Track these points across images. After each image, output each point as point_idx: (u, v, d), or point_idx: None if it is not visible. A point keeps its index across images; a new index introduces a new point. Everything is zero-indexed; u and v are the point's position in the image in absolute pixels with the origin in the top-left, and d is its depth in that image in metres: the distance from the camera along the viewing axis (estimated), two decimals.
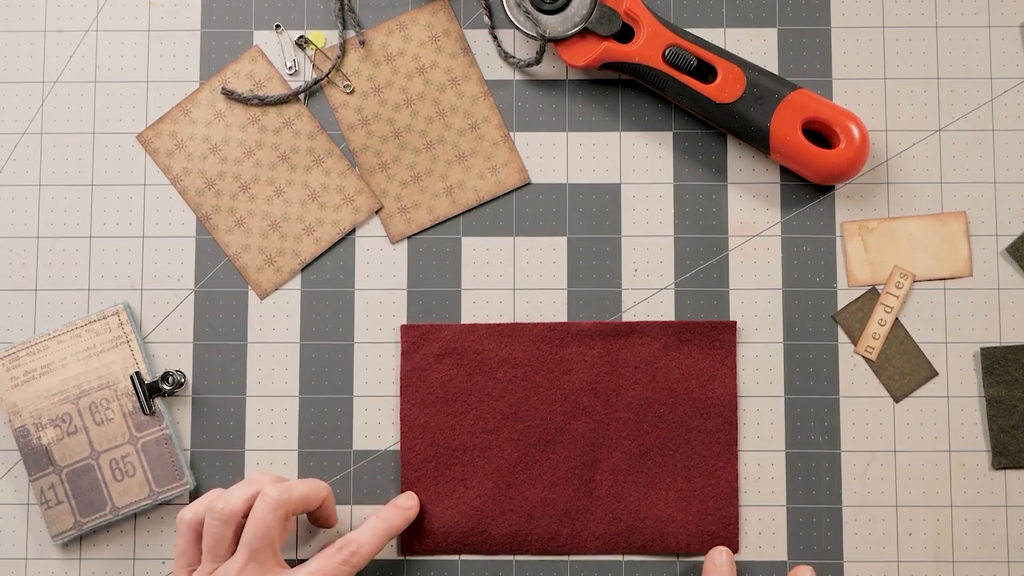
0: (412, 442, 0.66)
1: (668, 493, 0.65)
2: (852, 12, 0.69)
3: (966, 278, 0.67)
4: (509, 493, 0.66)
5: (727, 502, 0.65)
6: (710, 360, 0.66)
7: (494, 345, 0.66)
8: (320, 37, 0.69)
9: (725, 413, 0.66)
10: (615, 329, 0.66)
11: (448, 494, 0.66)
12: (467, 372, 0.66)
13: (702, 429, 0.66)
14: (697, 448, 0.66)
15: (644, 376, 0.66)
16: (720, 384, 0.66)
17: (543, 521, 0.65)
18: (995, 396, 0.66)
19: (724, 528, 0.65)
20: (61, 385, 0.66)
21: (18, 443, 0.66)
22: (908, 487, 0.66)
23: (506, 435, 0.66)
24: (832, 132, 0.65)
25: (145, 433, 0.66)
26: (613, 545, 0.65)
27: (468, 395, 0.66)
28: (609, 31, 0.65)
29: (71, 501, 0.65)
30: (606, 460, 0.66)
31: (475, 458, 0.66)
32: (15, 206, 0.68)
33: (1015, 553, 0.65)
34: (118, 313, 0.66)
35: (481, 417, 0.66)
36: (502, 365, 0.66)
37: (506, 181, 0.68)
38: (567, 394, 0.66)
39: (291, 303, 0.68)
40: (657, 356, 0.66)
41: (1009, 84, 0.68)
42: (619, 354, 0.66)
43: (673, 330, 0.66)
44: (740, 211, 0.68)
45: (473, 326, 0.67)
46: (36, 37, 0.69)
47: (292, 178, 0.68)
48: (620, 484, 0.65)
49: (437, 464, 0.66)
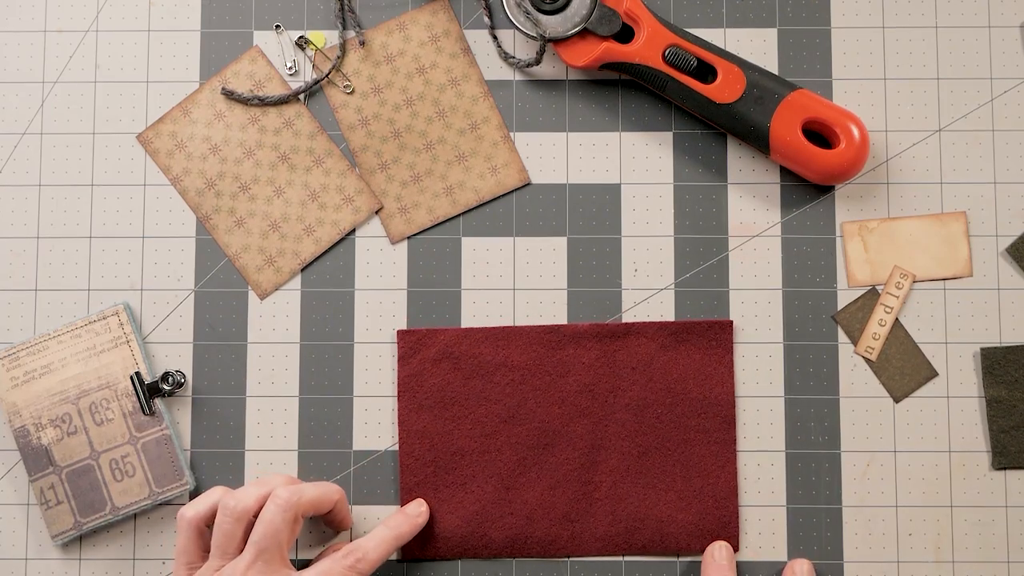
0: (411, 447, 0.66)
1: (667, 493, 0.65)
2: (852, 12, 0.69)
3: (966, 278, 0.67)
4: (509, 496, 0.66)
5: (726, 501, 0.65)
6: (707, 360, 0.66)
7: (491, 349, 0.66)
8: (320, 37, 0.69)
9: (723, 412, 0.66)
10: (611, 331, 0.66)
11: (448, 499, 0.66)
12: (464, 376, 0.66)
13: (700, 429, 0.66)
14: (695, 448, 0.66)
15: (641, 377, 0.66)
16: (718, 383, 0.66)
17: (543, 524, 0.65)
18: (995, 396, 0.66)
19: (724, 527, 0.65)
20: (61, 385, 0.66)
21: (18, 443, 0.66)
22: (908, 487, 0.66)
23: (504, 438, 0.66)
24: (832, 132, 0.65)
25: (145, 433, 0.66)
26: (613, 546, 0.65)
27: (466, 399, 0.66)
28: (609, 31, 0.65)
29: (71, 501, 0.65)
30: (605, 461, 0.66)
31: (474, 462, 0.66)
32: (15, 206, 0.68)
33: (1015, 553, 0.65)
34: (118, 313, 0.66)
35: (479, 421, 0.66)
36: (499, 369, 0.66)
37: (506, 181, 0.68)
38: (565, 396, 0.66)
39: (291, 303, 0.68)
40: (654, 356, 0.66)
41: (1009, 84, 0.68)
42: (616, 355, 0.66)
43: (669, 330, 0.66)
44: (740, 211, 0.68)
45: (469, 330, 0.67)
46: (36, 37, 0.69)
47: (292, 178, 0.68)
48: (619, 485, 0.65)
49: (436, 469, 0.66)
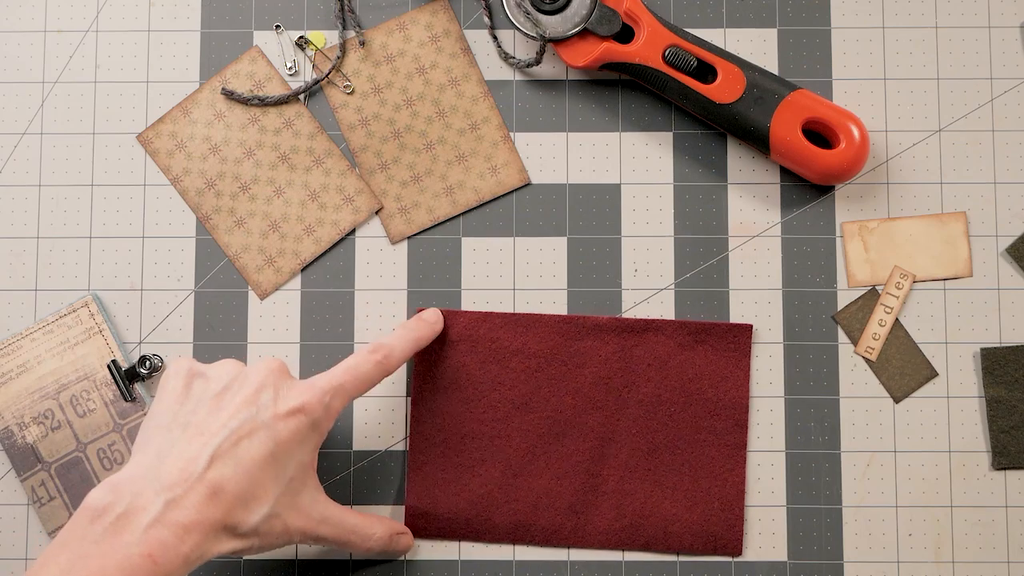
0: (422, 426, 0.66)
1: (674, 492, 0.65)
2: (852, 12, 0.69)
3: (966, 278, 0.67)
4: (516, 483, 0.66)
5: (733, 504, 0.65)
6: (724, 362, 0.66)
7: (509, 334, 0.66)
8: (320, 37, 0.69)
9: (736, 416, 0.66)
10: (631, 325, 0.66)
11: (455, 480, 0.66)
12: (481, 360, 0.66)
13: (712, 430, 0.66)
14: (706, 449, 0.66)
15: (657, 374, 0.66)
16: (733, 386, 0.66)
17: (548, 512, 0.65)
18: (995, 396, 0.66)
19: (728, 530, 0.65)
20: (39, 382, 0.66)
21: (3, 445, 0.66)
22: (908, 487, 0.66)
23: (516, 425, 0.66)
24: (832, 132, 0.65)
25: (129, 419, 0.66)
26: (616, 541, 0.65)
27: (480, 383, 0.66)
28: (609, 31, 0.65)
29: (63, 496, 0.65)
30: (614, 456, 0.66)
31: (483, 446, 0.66)
32: (15, 206, 0.68)
33: (1015, 553, 0.65)
34: (87, 304, 0.66)
35: (492, 405, 0.66)
36: (516, 355, 0.66)
37: (506, 181, 0.68)
38: (579, 387, 0.66)
39: (291, 303, 0.68)
40: (671, 355, 0.66)
41: (1009, 84, 0.68)
42: (633, 350, 0.66)
43: (689, 330, 0.66)
44: (740, 211, 0.68)
45: (489, 314, 0.67)
46: (36, 37, 0.69)
47: (292, 178, 0.68)
48: (627, 480, 0.65)
49: (446, 449, 0.66)
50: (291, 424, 0.56)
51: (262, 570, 0.66)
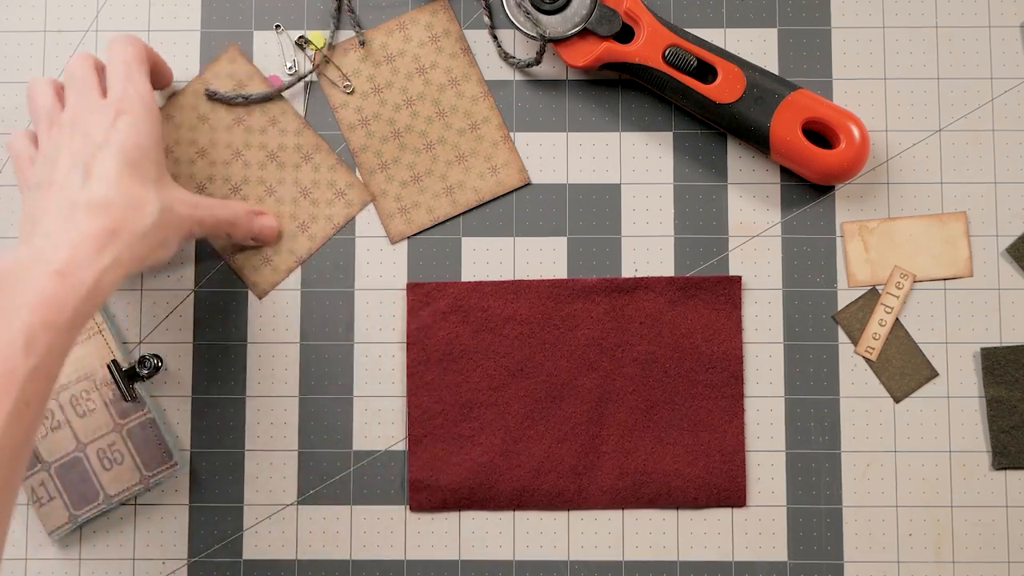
0: (419, 399, 0.66)
1: (675, 447, 0.66)
2: (852, 12, 0.69)
3: (966, 278, 0.67)
4: (516, 449, 0.66)
5: (734, 455, 0.66)
6: (715, 315, 0.66)
7: (499, 302, 0.66)
8: (320, 37, 0.69)
9: (731, 368, 0.66)
10: (620, 285, 0.66)
11: (456, 451, 0.66)
12: (473, 329, 0.66)
13: (708, 384, 0.66)
14: (703, 403, 0.66)
15: (650, 331, 0.66)
16: (726, 339, 0.66)
17: (550, 476, 0.66)
18: (995, 396, 0.66)
19: (731, 482, 0.65)
20: None
21: None
22: (908, 487, 0.66)
23: (512, 392, 0.66)
24: (832, 132, 0.65)
25: (129, 419, 0.66)
26: (620, 500, 0.65)
27: (474, 352, 0.66)
28: (609, 31, 0.65)
29: (63, 496, 0.65)
30: (613, 415, 0.66)
31: (482, 415, 0.66)
32: (15, 206, 0.68)
33: (1015, 553, 0.65)
34: None
35: (487, 374, 0.66)
36: (508, 322, 0.66)
37: (506, 181, 0.68)
38: (573, 350, 0.66)
39: (290, 303, 0.68)
40: (662, 311, 0.66)
41: (1009, 84, 0.68)
42: (624, 310, 0.66)
43: (678, 285, 0.66)
44: (740, 211, 0.68)
45: (479, 284, 0.67)
46: (36, 37, 0.69)
47: (282, 176, 0.68)
48: (627, 439, 0.66)
49: (444, 421, 0.66)
50: (121, 126, 0.58)
51: (262, 570, 0.66)
